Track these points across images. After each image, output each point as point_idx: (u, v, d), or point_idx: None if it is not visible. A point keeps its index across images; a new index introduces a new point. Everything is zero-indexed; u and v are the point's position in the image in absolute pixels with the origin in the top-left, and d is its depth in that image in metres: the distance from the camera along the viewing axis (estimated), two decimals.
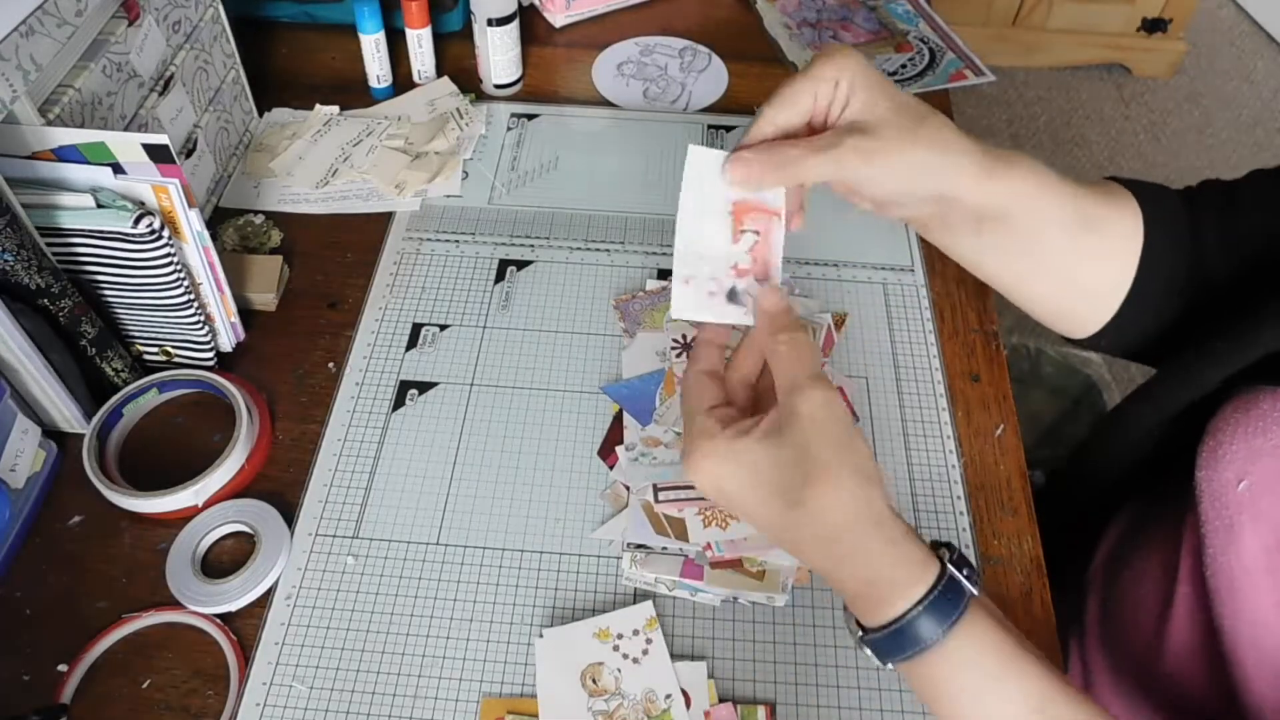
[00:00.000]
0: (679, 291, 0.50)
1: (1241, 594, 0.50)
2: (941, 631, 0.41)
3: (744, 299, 0.50)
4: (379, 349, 0.70)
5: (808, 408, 0.43)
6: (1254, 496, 0.50)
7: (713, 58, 0.93)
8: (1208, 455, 0.52)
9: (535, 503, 0.62)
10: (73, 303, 0.59)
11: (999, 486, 0.63)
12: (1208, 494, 0.52)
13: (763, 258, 0.50)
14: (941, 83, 0.90)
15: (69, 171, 0.58)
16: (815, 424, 0.43)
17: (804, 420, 0.43)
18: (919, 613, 0.42)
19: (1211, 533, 0.51)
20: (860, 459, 0.43)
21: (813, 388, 0.44)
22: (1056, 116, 2.19)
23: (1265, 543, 0.49)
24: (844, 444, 0.43)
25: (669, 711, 0.53)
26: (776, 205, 0.50)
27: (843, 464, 0.43)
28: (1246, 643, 0.50)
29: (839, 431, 0.43)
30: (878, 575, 0.43)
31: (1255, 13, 2.38)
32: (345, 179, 0.80)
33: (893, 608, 0.42)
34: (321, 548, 0.60)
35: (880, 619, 0.43)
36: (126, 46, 0.65)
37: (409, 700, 0.54)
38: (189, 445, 0.64)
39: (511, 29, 0.84)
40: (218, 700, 0.54)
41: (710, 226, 0.50)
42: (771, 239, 0.50)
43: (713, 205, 0.50)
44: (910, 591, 0.42)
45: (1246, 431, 0.50)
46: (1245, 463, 0.50)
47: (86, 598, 0.58)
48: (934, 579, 0.42)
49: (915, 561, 0.43)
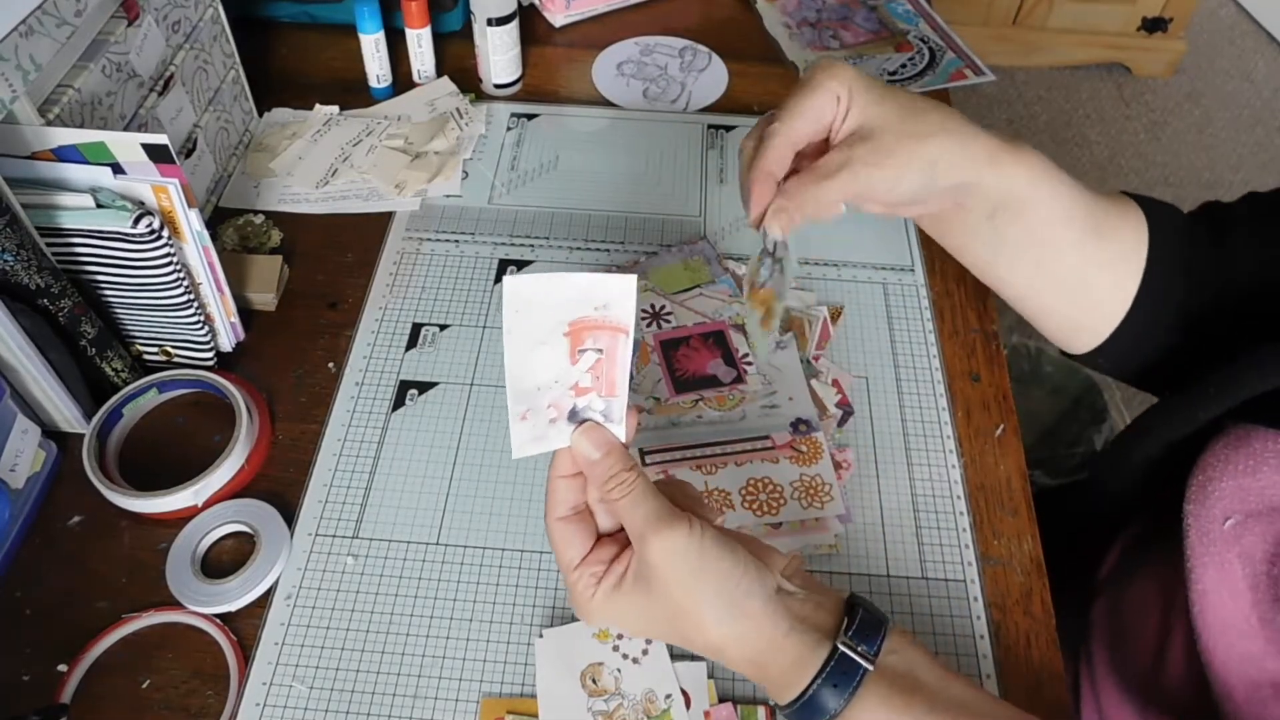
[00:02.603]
0: (516, 430, 0.46)
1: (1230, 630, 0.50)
2: (843, 701, 0.44)
3: (588, 415, 0.47)
4: (379, 349, 0.70)
5: (655, 557, 0.45)
6: (1238, 534, 0.50)
7: (713, 57, 0.93)
8: (1196, 490, 0.52)
9: (535, 503, 0.62)
10: (72, 303, 0.59)
11: (999, 486, 0.63)
12: (1195, 528, 0.52)
13: (607, 375, 0.46)
14: (941, 82, 0.90)
15: (69, 171, 0.58)
16: (669, 570, 0.45)
17: (656, 570, 0.45)
18: (815, 689, 0.44)
19: (1200, 567, 0.52)
20: (721, 583, 0.45)
21: (655, 537, 0.44)
22: (1056, 116, 2.19)
23: (1251, 581, 0.50)
24: (701, 578, 0.45)
25: (669, 711, 0.53)
26: (623, 321, 0.44)
27: (706, 597, 0.45)
28: (1235, 676, 0.50)
29: (693, 569, 0.45)
30: (770, 673, 0.45)
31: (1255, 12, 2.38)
32: (345, 179, 0.80)
33: (793, 690, 0.45)
34: (321, 548, 0.60)
35: (786, 699, 0.45)
36: (126, 46, 0.65)
37: (409, 700, 0.54)
38: (189, 445, 0.64)
39: (511, 29, 0.84)
40: (218, 700, 0.54)
41: (543, 355, 0.45)
42: (616, 355, 0.45)
43: (543, 332, 0.44)
44: (804, 675, 0.44)
45: (1237, 469, 0.51)
46: (1233, 501, 0.51)
47: (86, 598, 0.58)
48: (822, 661, 0.44)
49: (804, 651, 0.45)
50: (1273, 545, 0.49)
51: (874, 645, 0.44)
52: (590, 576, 0.47)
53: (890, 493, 0.63)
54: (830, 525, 0.60)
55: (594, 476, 0.46)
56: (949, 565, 0.60)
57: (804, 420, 0.65)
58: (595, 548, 0.48)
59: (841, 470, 0.63)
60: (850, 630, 0.45)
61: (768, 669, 0.45)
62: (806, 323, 0.69)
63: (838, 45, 0.94)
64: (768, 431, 0.64)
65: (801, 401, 0.66)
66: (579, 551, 0.48)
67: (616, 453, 0.46)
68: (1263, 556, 0.50)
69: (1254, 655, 0.49)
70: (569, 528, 0.48)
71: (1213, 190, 2.04)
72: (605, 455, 0.46)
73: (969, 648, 0.56)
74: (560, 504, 0.48)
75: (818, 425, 0.65)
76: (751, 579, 0.45)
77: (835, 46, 0.94)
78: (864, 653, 0.44)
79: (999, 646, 0.56)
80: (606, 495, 0.46)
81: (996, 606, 0.58)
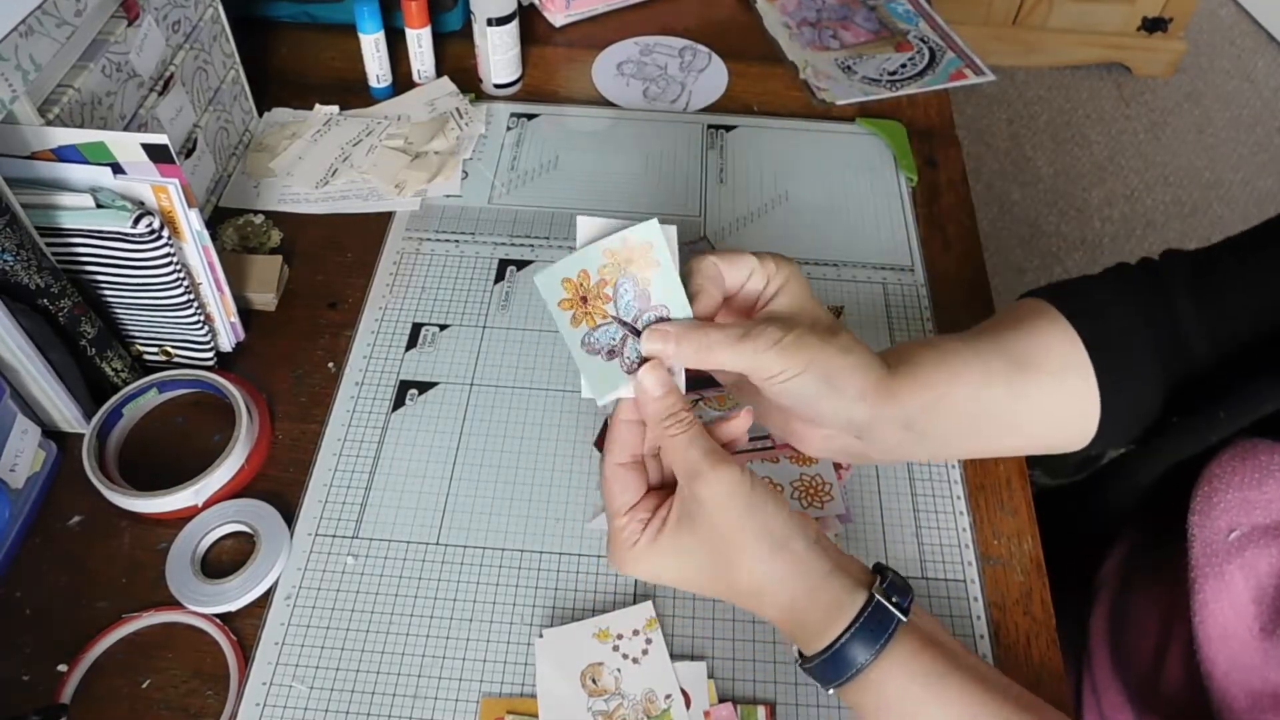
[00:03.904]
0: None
1: (1231, 641, 0.50)
2: (873, 654, 0.44)
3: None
4: (379, 349, 0.70)
5: (709, 493, 0.45)
6: (1243, 547, 0.50)
7: (713, 57, 0.93)
8: (1201, 501, 0.52)
9: (535, 502, 0.62)
10: (72, 303, 0.59)
11: (999, 486, 0.63)
12: (1199, 539, 0.52)
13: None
14: (941, 82, 0.90)
15: (68, 171, 0.58)
16: (719, 507, 0.45)
17: (708, 506, 0.45)
18: (849, 637, 0.44)
19: (1202, 578, 0.52)
20: (768, 521, 0.46)
21: (711, 472, 0.45)
22: (1056, 116, 2.19)
23: (1254, 594, 0.50)
24: (749, 517, 0.45)
25: (669, 711, 0.53)
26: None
27: (752, 535, 0.45)
28: (1236, 687, 0.50)
29: (742, 507, 0.45)
30: (807, 617, 0.46)
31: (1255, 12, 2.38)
32: (345, 179, 0.80)
33: (825, 637, 0.45)
34: (321, 548, 0.60)
35: (815, 648, 0.46)
36: (126, 46, 0.65)
37: (409, 700, 0.54)
38: (189, 445, 0.64)
39: (511, 29, 0.84)
40: (218, 700, 0.54)
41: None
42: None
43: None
44: (839, 622, 0.45)
45: (1242, 482, 0.51)
46: (1238, 513, 0.51)
47: (86, 598, 0.58)
48: (860, 607, 0.45)
49: (843, 595, 0.45)
50: (1277, 558, 0.49)
51: (905, 600, 0.45)
52: (638, 523, 0.48)
53: (890, 493, 0.63)
54: (830, 525, 0.60)
55: (653, 414, 0.47)
56: (949, 565, 0.60)
57: None
58: (644, 497, 0.49)
59: (841, 470, 0.63)
60: (884, 584, 0.46)
61: (804, 613, 0.46)
62: None
63: (838, 45, 0.94)
64: (767, 431, 0.64)
65: None
66: (632, 497, 0.48)
67: (675, 394, 0.47)
68: (1267, 569, 0.50)
69: (1255, 666, 0.49)
70: (626, 474, 0.49)
71: (1213, 190, 2.05)
72: (666, 394, 0.47)
73: (969, 647, 0.56)
74: (621, 449, 0.49)
75: None
76: (795, 523, 0.46)
77: (835, 46, 0.94)
78: (898, 604, 0.45)
79: (999, 646, 0.56)
80: (664, 432, 0.46)
81: (996, 606, 0.58)
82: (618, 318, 0.47)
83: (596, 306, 0.47)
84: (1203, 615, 0.51)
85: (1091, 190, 2.05)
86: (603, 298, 0.47)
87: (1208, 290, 0.54)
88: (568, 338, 0.48)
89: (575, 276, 0.47)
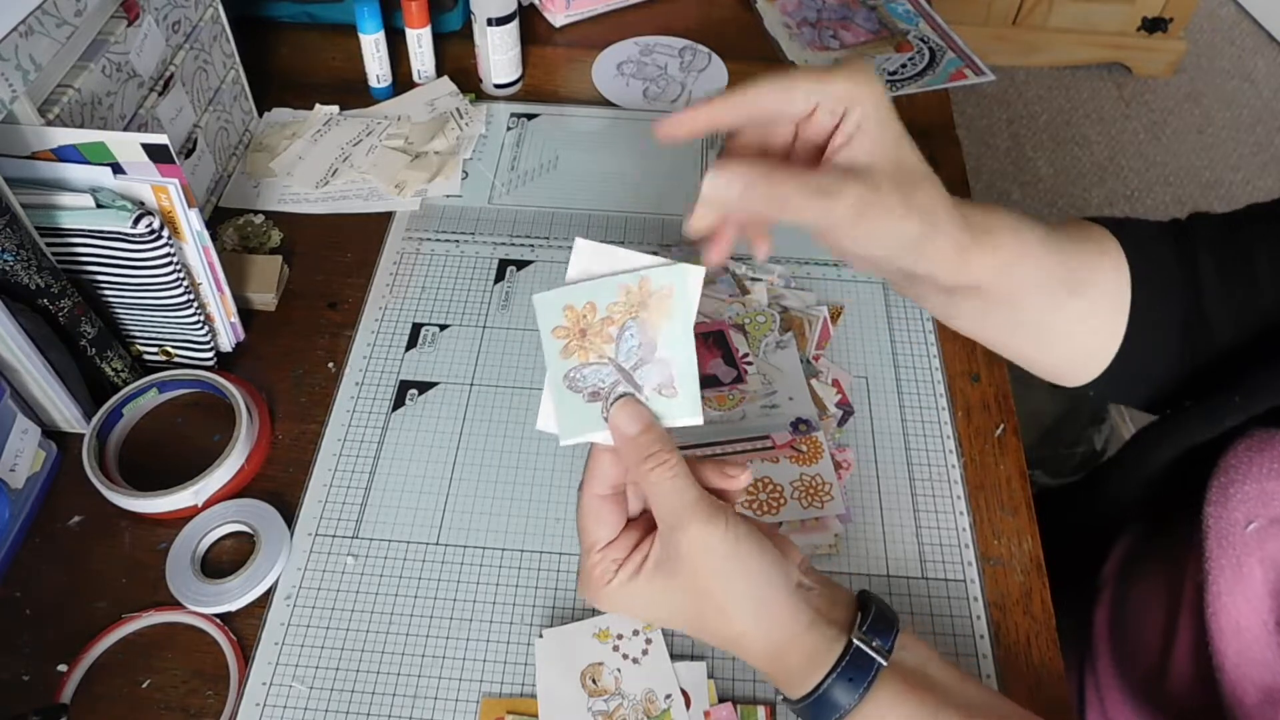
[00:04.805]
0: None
1: (1244, 634, 0.50)
2: (855, 698, 0.43)
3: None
4: (379, 349, 0.70)
5: (687, 548, 0.43)
6: (1261, 539, 0.50)
7: (713, 57, 0.93)
8: (1218, 492, 0.52)
9: (535, 502, 0.62)
10: (72, 302, 0.59)
11: (999, 486, 0.63)
12: (1215, 531, 0.51)
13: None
14: (941, 82, 0.90)
15: (68, 171, 0.58)
16: (701, 561, 0.44)
17: (685, 560, 0.44)
18: (829, 684, 0.44)
19: (1216, 569, 0.51)
20: (750, 574, 0.44)
21: (691, 525, 0.43)
22: (1056, 116, 2.19)
23: (1271, 587, 0.49)
24: (732, 570, 0.44)
25: (669, 712, 0.53)
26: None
27: (734, 589, 0.44)
28: (1248, 681, 0.50)
29: (724, 561, 0.44)
30: (789, 663, 0.45)
31: (1255, 12, 2.38)
32: (345, 179, 0.80)
33: (807, 683, 0.44)
34: (321, 548, 0.60)
35: (799, 693, 0.45)
36: (126, 46, 0.65)
37: (409, 700, 0.54)
38: (189, 445, 0.64)
39: (511, 29, 0.84)
40: (218, 700, 0.54)
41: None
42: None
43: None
44: (821, 667, 0.44)
45: (1260, 473, 0.50)
46: (1256, 505, 0.50)
47: (86, 598, 0.58)
48: (840, 653, 0.44)
49: (824, 643, 0.44)
50: None
51: (888, 641, 0.44)
52: (611, 562, 0.46)
53: (890, 493, 0.63)
54: (830, 525, 0.60)
55: (630, 454, 0.44)
56: (949, 565, 0.60)
57: (804, 420, 0.65)
58: (621, 534, 0.47)
59: (841, 470, 0.63)
60: (864, 625, 0.44)
61: (784, 661, 0.45)
62: (806, 323, 0.70)
63: (838, 45, 0.94)
64: (768, 431, 0.64)
65: (801, 401, 0.66)
66: (608, 533, 0.46)
67: (654, 430, 0.44)
68: None
69: (1268, 661, 0.49)
70: (604, 506, 0.46)
71: (1213, 190, 2.04)
72: (643, 430, 0.44)
73: (969, 648, 0.56)
74: (601, 479, 0.46)
75: (818, 425, 0.65)
76: (778, 570, 0.45)
77: (835, 46, 0.94)
78: (878, 648, 0.44)
79: (999, 646, 0.56)
80: (645, 474, 0.43)
81: (996, 606, 0.58)
82: (615, 361, 0.44)
83: (594, 343, 0.44)
84: (1216, 607, 0.51)
85: (1092, 190, 2.05)
86: (604, 336, 0.44)
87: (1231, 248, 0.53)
88: (551, 366, 0.45)
89: (580, 306, 0.44)
